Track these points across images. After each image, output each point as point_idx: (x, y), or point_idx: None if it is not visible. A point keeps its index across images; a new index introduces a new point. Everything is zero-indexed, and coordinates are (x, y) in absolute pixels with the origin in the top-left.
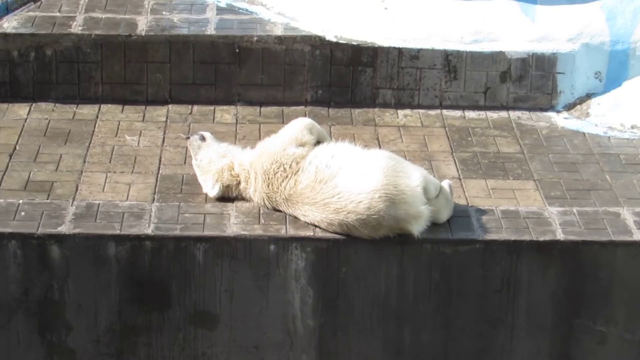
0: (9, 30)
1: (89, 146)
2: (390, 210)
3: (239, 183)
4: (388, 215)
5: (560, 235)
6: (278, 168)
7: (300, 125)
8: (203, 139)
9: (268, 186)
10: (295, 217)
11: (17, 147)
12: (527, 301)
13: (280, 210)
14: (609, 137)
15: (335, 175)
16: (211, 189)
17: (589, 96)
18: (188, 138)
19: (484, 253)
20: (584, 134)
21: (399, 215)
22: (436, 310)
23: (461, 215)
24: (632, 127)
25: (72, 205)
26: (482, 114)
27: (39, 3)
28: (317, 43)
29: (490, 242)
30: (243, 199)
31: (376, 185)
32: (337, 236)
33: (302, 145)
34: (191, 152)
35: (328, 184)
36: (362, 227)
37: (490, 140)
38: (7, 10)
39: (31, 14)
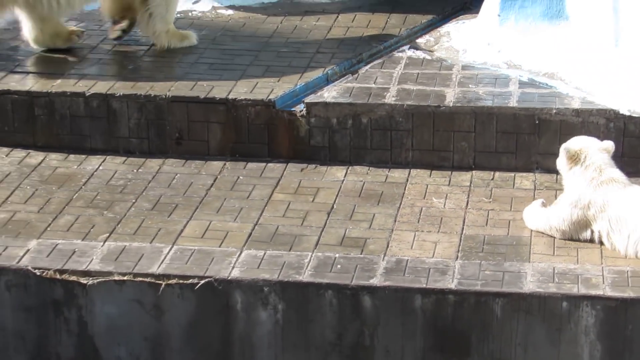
0: (329, 100)
1: (399, 207)
2: None
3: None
4: None
5: None
6: None
7: None
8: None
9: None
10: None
11: (335, 206)
12: None
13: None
14: None
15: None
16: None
17: None
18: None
19: None
20: None
21: None
22: None
23: None
24: None
25: (383, 260)
26: None
27: (356, 75)
28: (612, 116)
29: None
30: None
31: None
32: (625, 295)
33: None
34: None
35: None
36: None
37: None
38: (327, 81)
39: (349, 85)
